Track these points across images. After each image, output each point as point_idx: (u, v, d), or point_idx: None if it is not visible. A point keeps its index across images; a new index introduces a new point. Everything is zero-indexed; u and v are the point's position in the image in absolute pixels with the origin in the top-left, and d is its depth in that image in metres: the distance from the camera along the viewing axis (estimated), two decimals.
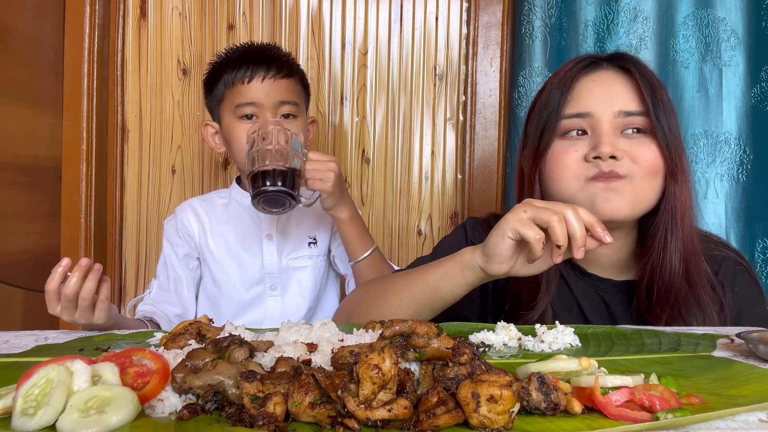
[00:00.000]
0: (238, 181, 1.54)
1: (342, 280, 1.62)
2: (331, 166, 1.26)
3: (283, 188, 1.16)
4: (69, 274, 1.00)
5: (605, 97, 1.01)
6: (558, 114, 1.02)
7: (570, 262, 1.09)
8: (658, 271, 1.02)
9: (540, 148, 1.04)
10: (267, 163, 1.17)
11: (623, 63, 1.04)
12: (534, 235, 0.83)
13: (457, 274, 0.92)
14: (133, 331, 1.05)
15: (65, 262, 1.01)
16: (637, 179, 0.99)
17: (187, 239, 1.50)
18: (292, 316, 1.44)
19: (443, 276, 0.93)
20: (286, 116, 1.40)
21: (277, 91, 1.39)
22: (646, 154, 0.99)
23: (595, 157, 0.99)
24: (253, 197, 1.18)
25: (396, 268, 1.43)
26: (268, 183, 1.16)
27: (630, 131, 1.01)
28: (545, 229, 0.84)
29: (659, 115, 1.00)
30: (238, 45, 1.46)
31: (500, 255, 0.88)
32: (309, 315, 1.50)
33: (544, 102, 1.06)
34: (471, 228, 1.19)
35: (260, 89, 1.38)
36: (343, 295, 1.63)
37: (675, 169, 1.00)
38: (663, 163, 1.00)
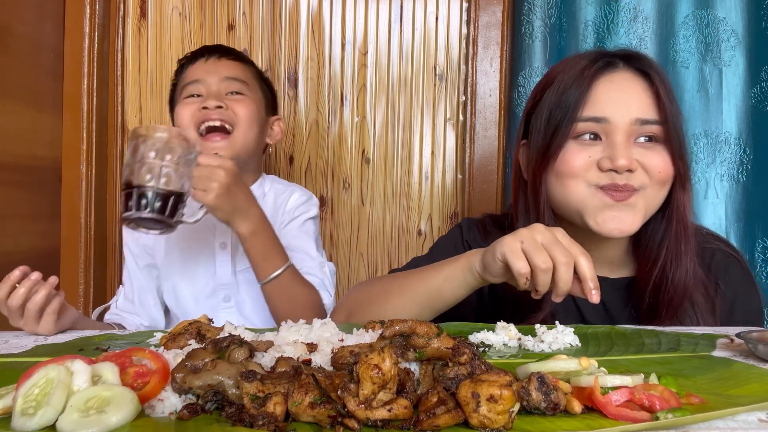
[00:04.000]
0: None
1: None
2: (216, 175, 1.07)
3: (152, 215, 0.99)
4: (18, 285, 0.98)
5: (623, 103, 0.98)
6: (573, 116, 0.99)
7: None
8: (670, 276, 1.01)
9: (551, 149, 1.01)
10: (142, 179, 1.00)
11: (641, 65, 1.01)
12: (519, 270, 0.82)
13: (459, 277, 0.92)
14: (132, 331, 1.05)
15: (15, 273, 0.99)
16: (649, 189, 0.98)
17: (145, 248, 1.42)
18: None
19: (446, 278, 0.93)
20: (233, 94, 1.35)
21: (221, 68, 1.36)
22: (660, 164, 0.98)
23: (610, 169, 0.96)
24: (123, 215, 1.02)
25: (328, 295, 1.34)
26: (136, 206, 1.00)
27: (643, 139, 0.99)
28: None
29: (674, 123, 0.98)
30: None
31: (494, 271, 0.88)
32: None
33: (556, 100, 1.01)
34: (467, 228, 1.19)
35: (203, 67, 1.37)
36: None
37: (684, 177, 1.00)
38: (674, 172, 0.99)
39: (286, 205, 1.42)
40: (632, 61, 1.02)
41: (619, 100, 0.98)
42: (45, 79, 1.72)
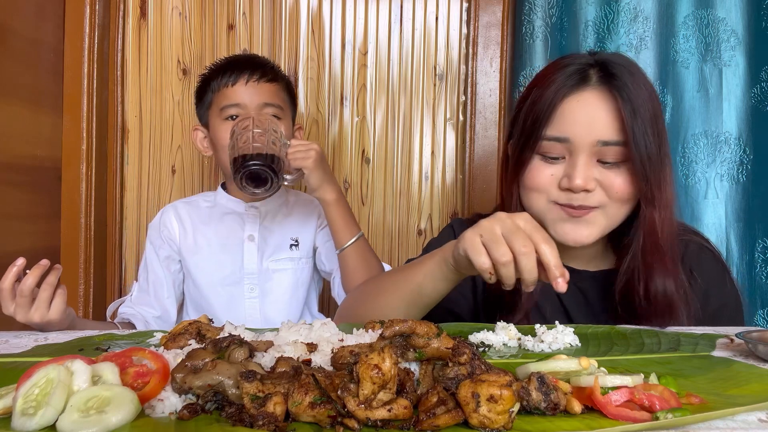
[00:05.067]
0: (224, 186, 1.56)
1: (325, 284, 1.61)
2: (312, 146, 1.30)
3: (265, 164, 1.19)
4: (28, 271, 1.02)
5: (587, 123, 0.99)
6: (539, 134, 1.02)
7: None
8: (641, 286, 1.02)
9: (520, 160, 1.05)
10: (248, 144, 1.21)
11: (612, 83, 1.00)
12: (480, 265, 0.81)
13: (437, 272, 0.92)
14: (132, 331, 1.06)
15: (20, 261, 1.03)
16: (609, 207, 1.01)
17: (168, 242, 1.51)
18: (271, 320, 1.44)
19: (426, 274, 0.93)
20: None
21: (260, 94, 1.42)
22: (618, 185, 1.00)
23: (568, 188, 0.99)
24: (236, 174, 1.20)
25: (386, 267, 1.45)
26: (250, 160, 1.19)
27: (608, 160, 1.00)
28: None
29: (639, 143, 0.98)
30: (227, 56, 1.52)
31: (462, 265, 0.87)
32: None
33: (528, 111, 1.04)
34: (458, 227, 1.20)
35: (244, 91, 1.42)
36: (324, 299, 1.64)
37: (652, 196, 1.00)
38: (636, 192, 1.00)
39: (320, 210, 1.52)
40: (607, 75, 1.01)
41: (584, 121, 0.99)
42: (45, 79, 1.72)
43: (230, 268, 1.49)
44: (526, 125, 1.04)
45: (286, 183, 1.28)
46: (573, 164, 1.00)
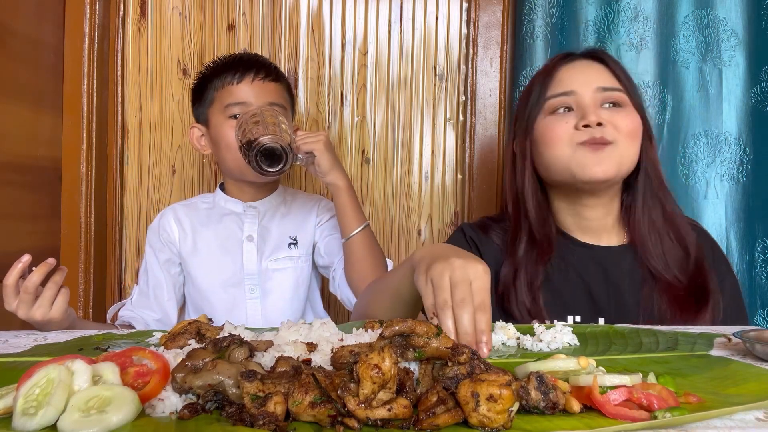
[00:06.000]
0: (222, 187, 1.56)
1: (324, 281, 1.61)
2: (320, 132, 1.34)
3: (278, 141, 1.22)
4: (34, 268, 1.03)
5: (584, 78, 1.17)
6: (543, 96, 1.18)
7: (562, 232, 1.22)
8: (640, 227, 1.17)
9: (528, 125, 1.19)
10: (260, 126, 1.24)
11: (596, 55, 1.21)
12: (427, 306, 0.79)
13: (409, 275, 0.89)
14: (131, 331, 1.06)
15: (26, 257, 1.04)
16: (620, 144, 1.13)
17: (168, 245, 1.51)
18: (273, 321, 1.45)
19: (402, 277, 0.93)
20: None
21: (265, 93, 1.42)
22: (626, 120, 1.14)
23: (585, 126, 1.12)
24: (250, 153, 1.22)
25: (389, 262, 1.47)
26: (263, 138, 1.21)
27: (608, 105, 1.15)
28: None
29: (631, 89, 1.17)
30: (227, 54, 1.51)
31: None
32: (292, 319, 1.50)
33: (529, 90, 1.22)
34: (468, 229, 1.26)
35: (250, 90, 1.42)
36: (325, 296, 1.65)
37: (649, 132, 1.19)
38: (641, 128, 1.16)
39: (318, 208, 1.57)
40: (592, 53, 1.21)
41: (581, 77, 1.17)
42: (45, 79, 1.72)
43: (231, 270, 1.48)
44: (530, 100, 1.20)
45: (298, 163, 1.30)
46: (583, 108, 1.14)
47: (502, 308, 1.15)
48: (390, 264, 1.46)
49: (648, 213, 1.18)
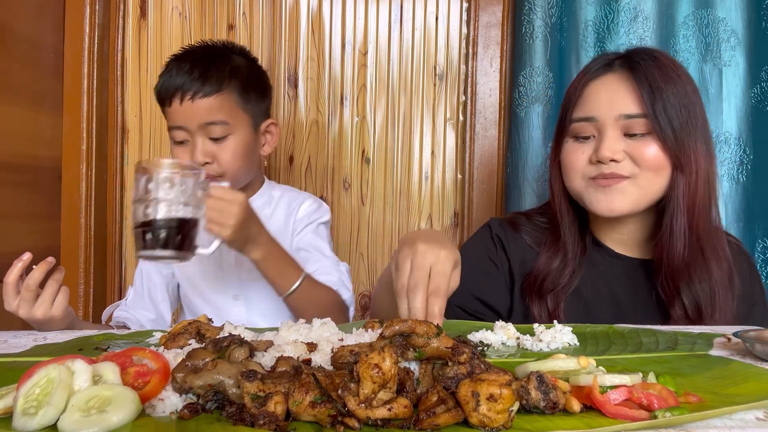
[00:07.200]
0: None
1: None
2: (231, 211, 1.07)
3: (166, 252, 0.96)
4: (34, 267, 1.02)
5: (609, 101, 1.09)
6: (569, 116, 1.14)
7: (596, 242, 1.19)
8: (666, 252, 1.10)
9: (557, 144, 1.17)
10: (151, 215, 0.96)
11: (633, 60, 1.10)
12: (394, 289, 0.81)
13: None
14: (131, 331, 1.06)
15: (26, 256, 1.03)
16: (641, 177, 1.08)
17: None
18: (258, 326, 1.41)
19: (389, 272, 0.93)
20: (216, 139, 1.29)
21: (198, 114, 1.28)
22: (646, 154, 1.07)
23: (598, 161, 1.08)
24: (138, 255, 0.99)
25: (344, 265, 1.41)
26: (151, 243, 0.96)
27: (634, 132, 1.08)
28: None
29: (659, 114, 1.06)
30: (179, 50, 1.37)
31: None
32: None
33: (567, 97, 1.16)
34: (496, 225, 1.24)
35: (181, 113, 1.28)
36: None
37: (680, 162, 1.07)
38: (667, 159, 1.07)
39: (298, 212, 1.46)
40: (629, 62, 1.11)
41: (606, 99, 1.10)
42: (45, 79, 1.72)
43: (214, 275, 1.44)
44: (560, 115, 1.17)
45: (199, 253, 1.02)
46: (600, 139, 1.09)
47: (523, 302, 1.16)
48: (348, 295, 1.36)
49: (675, 242, 1.09)
